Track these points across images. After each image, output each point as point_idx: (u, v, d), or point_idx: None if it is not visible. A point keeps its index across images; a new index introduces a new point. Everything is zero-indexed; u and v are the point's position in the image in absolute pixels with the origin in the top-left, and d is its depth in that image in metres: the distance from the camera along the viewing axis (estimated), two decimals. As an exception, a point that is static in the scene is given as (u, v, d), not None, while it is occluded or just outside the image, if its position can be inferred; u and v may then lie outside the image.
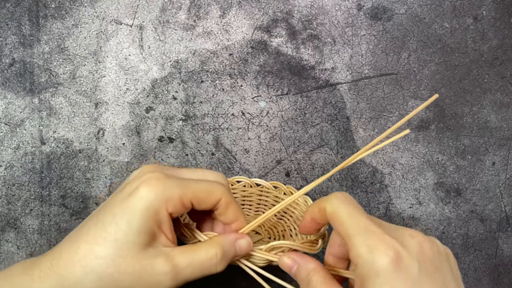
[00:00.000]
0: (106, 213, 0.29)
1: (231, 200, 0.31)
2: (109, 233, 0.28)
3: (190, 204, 0.30)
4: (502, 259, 0.47)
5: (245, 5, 0.46)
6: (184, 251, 0.29)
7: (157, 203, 0.28)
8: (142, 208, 0.28)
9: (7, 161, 0.45)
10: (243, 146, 0.46)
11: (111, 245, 0.27)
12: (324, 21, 0.46)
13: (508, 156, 0.47)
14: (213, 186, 0.30)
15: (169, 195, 0.28)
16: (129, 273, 0.28)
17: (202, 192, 0.30)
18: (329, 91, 0.46)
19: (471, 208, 0.47)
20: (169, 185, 0.29)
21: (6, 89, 0.45)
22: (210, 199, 0.30)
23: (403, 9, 0.46)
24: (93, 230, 0.28)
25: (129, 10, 0.46)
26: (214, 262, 0.30)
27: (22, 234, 0.45)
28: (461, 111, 0.47)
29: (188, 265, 0.29)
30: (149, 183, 0.28)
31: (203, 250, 0.30)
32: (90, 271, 0.27)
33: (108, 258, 0.27)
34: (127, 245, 0.27)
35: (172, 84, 0.46)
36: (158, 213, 0.28)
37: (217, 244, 0.30)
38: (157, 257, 0.28)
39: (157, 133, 0.46)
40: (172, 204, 0.29)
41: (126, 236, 0.27)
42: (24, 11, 0.45)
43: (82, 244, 0.28)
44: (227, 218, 0.32)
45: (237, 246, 0.31)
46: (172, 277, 0.28)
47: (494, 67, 0.47)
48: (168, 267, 0.28)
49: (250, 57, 0.46)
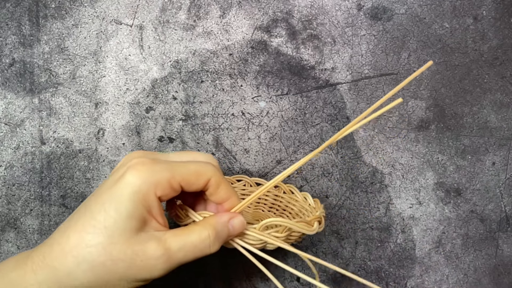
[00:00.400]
0: (94, 201, 0.28)
1: (221, 179, 0.31)
2: (98, 221, 0.27)
3: (180, 186, 0.29)
4: (502, 259, 0.47)
5: (245, 5, 0.46)
6: (176, 234, 0.29)
7: (145, 187, 0.28)
8: (130, 194, 0.27)
9: (7, 161, 0.45)
10: (243, 146, 0.46)
11: (101, 232, 0.27)
12: (324, 21, 0.46)
13: (508, 156, 0.47)
14: (202, 167, 0.30)
15: (157, 179, 0.28)
16: (121, 259, 0.27)
17: (190, 173, 0.29)
18: (329, 91, 0.46)
19: (471, 208, 0.47)
20: (157, 169, 0.28)
21: (6, 89, 0.45)
22: (199, 180, 0.30)
23: (403, 9, 0.46)
24: (82, 219, 0.28)
25: (129, 10, 0.46)
26: (208, 244, 0.30)
27: (22, 234, 0.45)
28: (461, 111, 0.47)
29: (181, 248, 0.29)
30: (135, 168, 0.28)
31: (196, 232, 0.29)
32: (82, 260, 0.27)
33: (99, 246, 0.27)
34: (117, 231, 0.27)
35: (172, 84, 0.46)
36: (147, 198, 0.28)
37: (209, 225, 0.30)
38: (149, 242, 0.28)
39: (157, 133, 0.46)
40: (161, 188, 0.28)
41: (115, 223, 0.27)
42: (24, 11, 0.45)
43: (72, 233, 0.28)
44: (218, 197, 0.31)
45: (230, 225, 0.31)
46: (165, 261, 0.28)
47: (494, 67, 0.47)
48: (160, 250, 0.28)
49: (250, 57, 0.46)
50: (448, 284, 0.47)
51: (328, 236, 0.46)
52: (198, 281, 0.46)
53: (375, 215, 0.46)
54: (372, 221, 0.46)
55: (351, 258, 0.46)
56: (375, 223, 0.46)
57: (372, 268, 0.46)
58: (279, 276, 0.46)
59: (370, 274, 0.46)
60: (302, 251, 0.33)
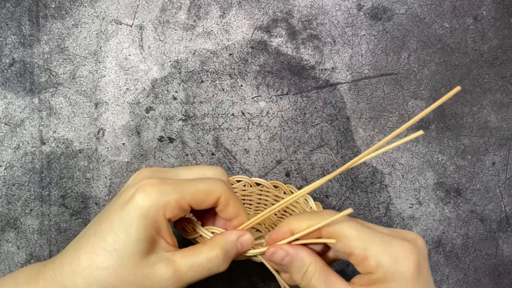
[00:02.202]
0: (104, 222, 0.28)
1: (231, 196, 0.31)
2: (108, 243, 0.28)
3: (189, 206, 0.29)
4: (502, 259, 0.47)
5: (245, 5, 0.46)
6: (186, 255, 0.29)
7: (154, 210, 0.28)
8: (139, 217, 0.27)
9: (7, 161, 0.45)
10: (243, 146, 0.46)
11: (111, 255, 0.27)
12: (324, 21, 0.46)
13: (508, 156, 0.47)
14: (212, 185, 0.30)
15: (166, 201, 0.28)
16: (132, 281, 0.28)
17: (200, 193, 0.29)
18: (329, 91, 0.46)
19: (471, 208, 0.47)
20: (165, 191, 0.28)
21: (6, 89, 0.45)
22: (209, 198, 0.30)
23: (403, 9, 0.46)
24: (92, 240, 0.28)
25: (129, 10, 0.46)
26: (216, 263, 0.30)
27: (22, 234, 0.45)
28: (461, 111, 0.47)
29: (190, 268, 0.29)
30: (144, 190, 0.28)
31: (204, 253, 0.29)
32: (93, 281, 0.27)
33: (110, 269, 0.27)
34: (127, 255, 0.27)
35: (172, 84, 0.46)
36: (156, 220, 0.28)
37: (218, 245, 0.30)
38: (158, 264, 0.28)
39: (157, 133, 0.46)
40: (170, 210, 0.28)
41: (125, 245, 0.27)
42: (24, 11, 0.45)
43: (82, 254, 0.28)
44: (227, 214, 0.31)
45: (239, 244, 0.31)
46: (174, 282, 0.28)
47: (494, 67, 0.47)
48: (170, 272, 0.28)
49: (250, 57, 0.46)
50: (448, 284, 0.46)
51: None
52: (199, 281, 0.46)
53: (375, 215, 0.46)
54: (372, 221, 0.46)
55: (351, 258, 0.46)
56: (375, 223, 0.46)
57: (372, 268, 0.46)
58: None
59: (370, 274, 0.46)
60: None
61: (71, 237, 0.45)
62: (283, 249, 0.30)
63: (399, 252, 0.27)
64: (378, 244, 0.27)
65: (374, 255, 0.27)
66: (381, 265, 0.26)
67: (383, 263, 0.26)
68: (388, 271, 0.26)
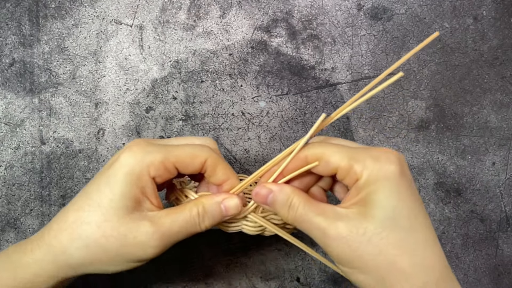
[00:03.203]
0: (91, 183, 0.30)
1: (218, 160, 0.31)
2: (94, 200, 0.28)
3: (174, 168, 0.30)
4: (502, 259, 0.47)
5: (245, 5, 0.46)
6: (169, 212, 0.30)
7: (138, 168, 0.28)
8: (124, 174, 0.28)
9: (7, 161, 0.45)
10: (243, 146, 0.46)
11: (96, 210, 0.28)
12: (324, 21, 0.46)
13: (508, 156, 0.47)
14: (197, 149, 0.30)
15: (151, 159, 0.29)
16: (114, 236, 0.28)
17: (185, 155, 0.30)
18: (329, 91, 0.46)
19: (471, 208, 0.47)
20: (150, 150, 0.29)
21: (6, 89, 0.45)
22: (194, 161, 0.30)
23: (403, 9, 0.46)
24: (79, 199, 0.29)
25: (129, 10, 0.46)
26: (197, 221, 0.30)
27: (22, 234, 0.45)
28: (461, 111, 0.47)
29: (172, 223, 0.29)
30: (130, 149, 0.29)
31: (187, 209, 0.30)
32: (77, 237, 0.28)
33: (93, 224, 0.28)
34: (112, 210, 0.28)
35: (172, 84, 0.46)
36: (140, 177, 0.29)
37: (200, 203, 0.30)
38: (142, 220, 0.29)
39: (157, 133, 0.46)
40: (154, 169, 0.29)
41: (110, 201, 0.28)
42: (24, 11, 0.45)
43: (69, 212, 0.29)
44: (216, 179, 0.32)
45: (222, 206, 0.31)
46: (157, 238, 0.29)
47: (494, 67, 0.47)
48: (152, 228, 0.28)
49: (250, 57, 0.46)
50: (448, 284, 0.46)
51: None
52: (199, 281, 0.46)
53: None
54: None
55: (351, 258, 0.46)
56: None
57: (372, 268, 0.46)
58: (279, 276, 0.46)
59: (370, 274, 0.46)
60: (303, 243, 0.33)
61: (71, 237, 0.45)
62: (266, 187, 0.30)
63: (380, 154, 0.27)
64: (360, 152, 0.28)
65: (359, 161, 0.27)
66: (366, 167, 0.27)
67: (368, 165, 0.27)
68: (372, 172, 0.27)
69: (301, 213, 0.28)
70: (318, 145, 0.30)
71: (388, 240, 0.26)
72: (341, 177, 0.29)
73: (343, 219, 0.27)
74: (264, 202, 0.30)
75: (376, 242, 0.26)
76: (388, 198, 0.26)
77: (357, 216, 0.27)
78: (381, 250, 0.26)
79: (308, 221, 0.28)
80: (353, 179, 0.28)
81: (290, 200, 0.29)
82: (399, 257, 0.26)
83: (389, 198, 0.26)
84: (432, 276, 0.26)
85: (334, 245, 0.27)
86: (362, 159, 0.27)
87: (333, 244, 0.27)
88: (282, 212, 0.30)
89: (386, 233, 0.26)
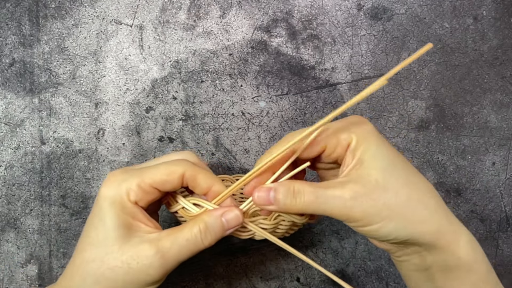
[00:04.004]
0: (87, 223, 0.31)
1: (197, 171, 0.31)
2: (92, 237, 0.30)
3: (152, 189, 0.30)
4: (502, 259, 0.47)
5: (245, 5, 0.46)
6: (169, 233, 0.30)
7: (118, 197, 0.29)
8: (108, 206, 0.29)
9: (7, 161, 0.45)
10: (243, 146, 0.46)
11: (96, 247, 0.30)
12: (324, 21, 0.46)
13: (508, 156, 0.47)
14: (172, 165, 0.31)
15: (126, 186, 0.30)
16: (119, 266, 0.29)
17: (161, 174, 0.30)
18: (329, 91, 0.46)
19: (471, 208, 0.47)
20: (125, 178, 0.30)
21: (6, 89, 0.45)
22: (172, 177, 0.30)
23: (403, 9, 0.46)
24: (81, 241, 0.31)
25: (129, 10, 0.46)
26: (199, 238, 0.30)
27: (22, 234, 0.45)
28: (461, 111, 0.47)
29: (173, 243, 0.29)
30: (107, 182, 0.30)
31: (187, 228, 0.30)
32: (87, 276, 0.30)
33: (98, 260, 0.29)
34: (109, 242, 0.29)
35: (172, 84, 0.46)
36: (124, 205, 0.30)
37: (200, 220, 0.31)
38: (141, 244, 0.29)
39: (157, 133, 0.46)
40: (133, 194, 0.30)
41: (105, 234, 0.29)
42: (24, 11, 0.45)
43: (75, 255, 0.31)
44: (200, 189, 0.32)
45: (223, 220, 0.31)
46: (159, 259, 0.29)
47: (494, 67, 0.47)
48: (153, 250, 0.29)
49: (250, 57, 0.46)
50: (448, 284, 0.46)
51: (328, 236, 0.46)
52: (199, 281, 0.46)
53: (375, 215, 0.46)
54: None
55: (351, 258, 0.46)
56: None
57: (372, 268, 0.46)
58: (279, 276, 0.46)
59: (370, 274, 0.46)
60: (300, 251, 0.33)
61: (71, 237, 0.45)
62: (263, 187, 0.30)
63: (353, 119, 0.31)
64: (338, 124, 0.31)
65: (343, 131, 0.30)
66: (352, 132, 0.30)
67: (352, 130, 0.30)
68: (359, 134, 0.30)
69: (309, 194, 0.29)
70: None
71: (398, 181, 0.28)
72: (329, 152, 0.31)
73: (353, 180, 0.29)
74: (267, 202, 0.30)
75: (390, 186, 0.28)
76: (381, 148, 0.29)
77: (364, 172, 0.29)
78: (397, 190, 0.28)
79: (321, 197, 0.28)
80: (344, 146, 0.30)
81: (293, 188, 0.29)
82: (413, 191, 0.29)
83: (382, 148, 0.29)
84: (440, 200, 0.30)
85: (358, 204, 0.28)
86: (344, 128, 0.30)
87: (356, 204, 0.28)
88: (289, 203, 0.29)
89: (394, 177, 0.28)
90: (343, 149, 0.30)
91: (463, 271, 0.29)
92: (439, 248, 0.29)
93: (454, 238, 0.29)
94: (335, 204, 0.28)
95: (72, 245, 0.45)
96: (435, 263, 0.29)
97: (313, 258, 0.46)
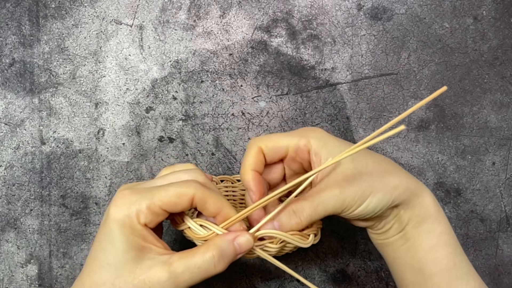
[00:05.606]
0: (94, 244, 0.31)
1: (207, 194, 0.31)
2: (101, 260, 0.29)
3: (162, 211, 0.30)
4: (502, 259, 0.47)
5: (245, 5, 0.46)
6: (181, 257, 0.30)
7: (128, 220, 0.29)
8: (118, 228, 0.29)
9: (7, 161, 0.45)
10: (243, 146, 0.46)
11: (106, 270, 0.29)
12: (324, 21, 0.46)
13: (508, 156, 0.47)
14: (182, 187, 0.30)
15: (137, 209, 0.29)
16: None
17: (170, 196, 0.30)
18: (329, 91, 0.46)
19: (471, 208, 0.47)
20: (135, 199, 0.29)
21: (6, 89, 0.45)
22: (181, 200, 0.30)
23: (403, 9, 0.46)
24: (88, 263, 0.31)
25: (129, 10, 0.46)
26: (212, 264, 0.30)
27: (22, 234, 0.45)
28: (461, 111, 0.47)
29: (186, 269, 0.29)
30: (115, 203, 0.30)
31: (200, 253, 0.30)
32: None
33: (108, 283, 0.29)
34: (120, 265, 0.29)
35: (172, 84, 0.46)
36: (134, 228, 0.29)
37: (213, 245, 0.30)
38: (153, 267, 0.29)
39: (157, 133, 0.46)
40: (143, 216, 0.29)
41: (115, 257, 0.29)
42: (24, 11, 0.45)
43: (84, 277, 0.30)
44: (208, 212, 0.32)
45: (236, 244, 0.31)
46: (171, 284, 0.29)
47: (494, 67, 0.47)
48: (165, 275, 0.29)
49: (250, 57, 0.46)
50: (448, 284, 0.46)
51: (328, 236, 0.46)
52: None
53: (375, 215, 0.46)
54: (372, 221, 0.46)
55: (351, 258, 0.46)
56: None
57: (372, 268, 0.46)
58: (279, 276, 0.46)
59: (370, 274, 0.46)
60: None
61: (71, 237, 0.45)
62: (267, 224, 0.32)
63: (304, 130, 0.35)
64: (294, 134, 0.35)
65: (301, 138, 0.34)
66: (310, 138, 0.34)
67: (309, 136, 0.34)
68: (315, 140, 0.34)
69: (308, 207, 0.31)
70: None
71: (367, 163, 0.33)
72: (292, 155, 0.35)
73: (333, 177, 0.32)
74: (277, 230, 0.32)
75: (363, 169, 0.32)
76: (339, 144, 0.34)
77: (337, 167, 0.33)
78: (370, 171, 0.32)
79: (320, 204, 0.32)
80: (305, 151, 0.34)
81: (291, 209, 0.32)
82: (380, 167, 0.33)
83: (340, 143, 0.34)
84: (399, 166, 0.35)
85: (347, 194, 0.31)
86: (302, 136, 0.34)
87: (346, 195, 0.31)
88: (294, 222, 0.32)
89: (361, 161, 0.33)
90: (305, 153, 0.34)
91: (431, 223, 0.34)
92: (412, 203, 0.33)
93: (421, 193, 0.33)
94: (331, 203, 0.32)
95: (72, 245, 0.45)
96: (410, 219, 0.34)
97: (313, 258, 0.46)
